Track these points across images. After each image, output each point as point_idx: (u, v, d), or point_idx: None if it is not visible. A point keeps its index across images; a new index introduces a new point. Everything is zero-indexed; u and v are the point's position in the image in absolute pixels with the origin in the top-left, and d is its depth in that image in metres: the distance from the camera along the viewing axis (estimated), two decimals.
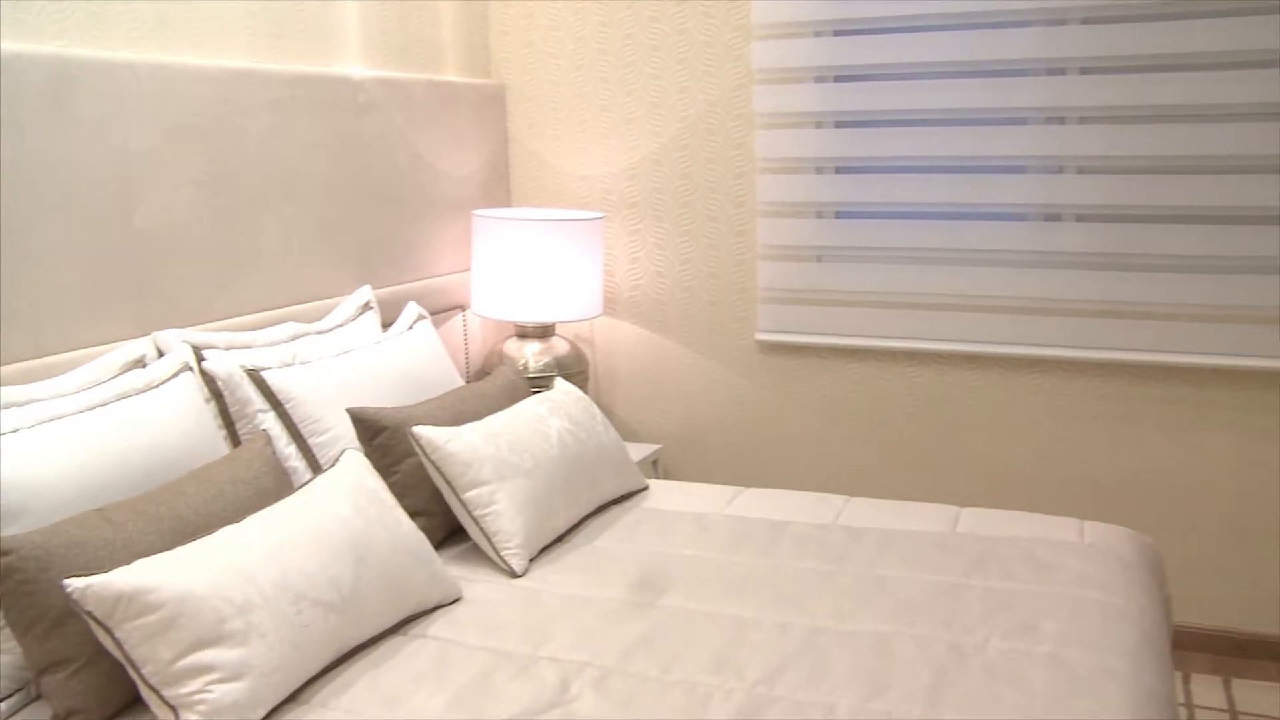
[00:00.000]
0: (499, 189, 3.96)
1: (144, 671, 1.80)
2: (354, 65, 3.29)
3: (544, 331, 3.68)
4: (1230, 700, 3.21)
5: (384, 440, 2.63)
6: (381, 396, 2.82)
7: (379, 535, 2.21)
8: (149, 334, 2.59)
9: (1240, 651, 3.46)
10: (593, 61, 3.83)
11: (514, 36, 3.91)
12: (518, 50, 3.92)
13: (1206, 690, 3.26)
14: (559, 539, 2.73)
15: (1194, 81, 3.20)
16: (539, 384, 3.53)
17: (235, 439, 2.58)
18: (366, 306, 3.14)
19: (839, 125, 3.61)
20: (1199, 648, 3.49)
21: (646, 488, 3.11)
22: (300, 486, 2.26)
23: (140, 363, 2.46)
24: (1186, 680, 3.32)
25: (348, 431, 2.69)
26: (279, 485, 2.33)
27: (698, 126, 3.74)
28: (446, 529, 2.70)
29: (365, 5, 3.32)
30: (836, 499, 2.99)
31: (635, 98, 3.80)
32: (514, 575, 2.51)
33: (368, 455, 2.63)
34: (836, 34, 3.56)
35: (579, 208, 3.94)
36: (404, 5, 3.48)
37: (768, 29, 3.60)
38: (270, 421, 2.60)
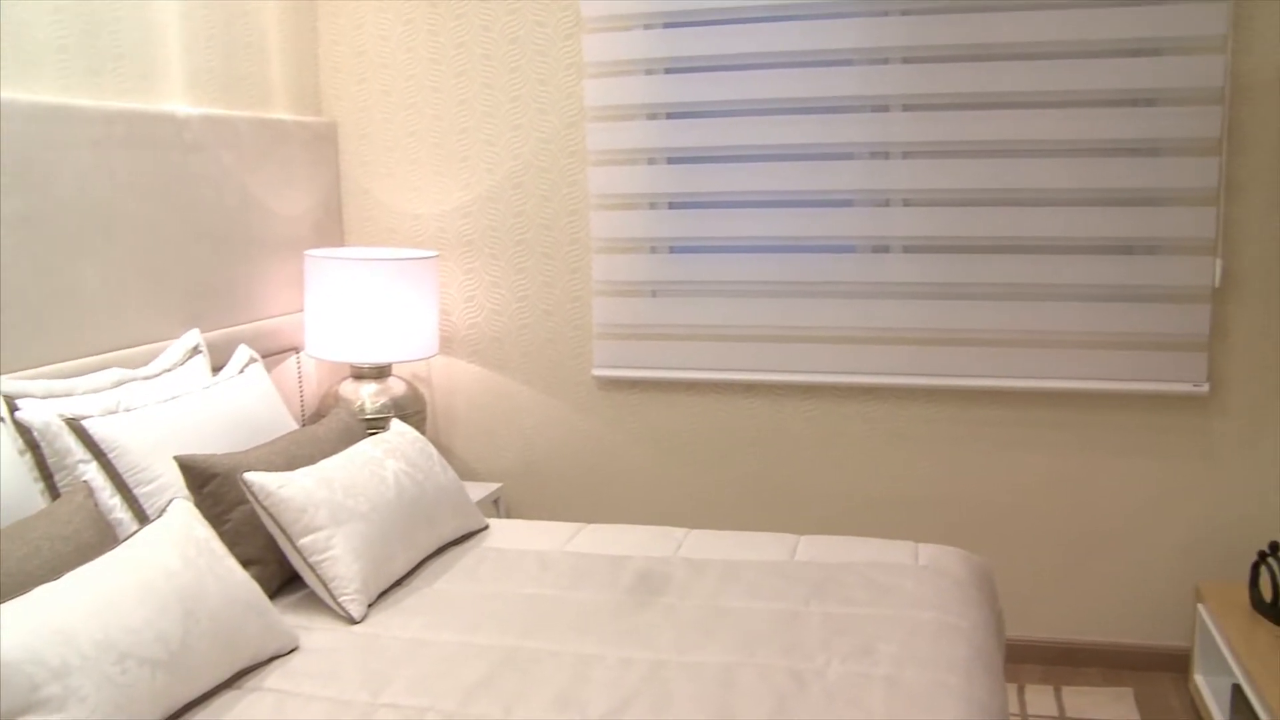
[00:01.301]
0: (332, 228, 3.90)
1: None
2: (178, 102, 3.21)
3: (380, 372, 3.63)
4: (1060, 707, 3.35)
5: (214, 488, 2.56)
6: (212, 443, 2.75)
7: (210, 586, 2.15)
8: None
9: (1069, 660, 3.63)
10: (425, 99, 3.82)
11: (345, 74, 3.87)
12: (349, 87, 3.88)
13: (1039, 699, 3.40)
14: (398, 582, 2.69)
15: (1008, 119, 3.39)
16: (375, 425, 3.48)
17: (54, 492, 2.47)
18: (195, 350, 3.05)
19: (671, 161, 3.68)
20: (1031, 659, 3.64)
21: (487, 527, 3.09)
22: (125, 539, 2.18)
23: None
24: (1021, 691, 3.46)
25: (176, 480, 2.61)
26: (101, 539, 2.24)
27: (531, 164, 3.77)
28: (282, 577, 2.63)
29: (188, 41, 3.24)
30: (677, 532, 3.03)
31: (468, 135, 3.80)
32: (352, 621, 2.46)
33: (197, 504, 2.55)
34: (668, 71, 3.63)
35: (413, 246, 3.91)
36: (230, 42, 3.41)
37: (600, 66, 3.65)
38: (92, 472, 2.50)
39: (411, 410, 3.62)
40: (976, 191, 3.45)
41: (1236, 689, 2.90)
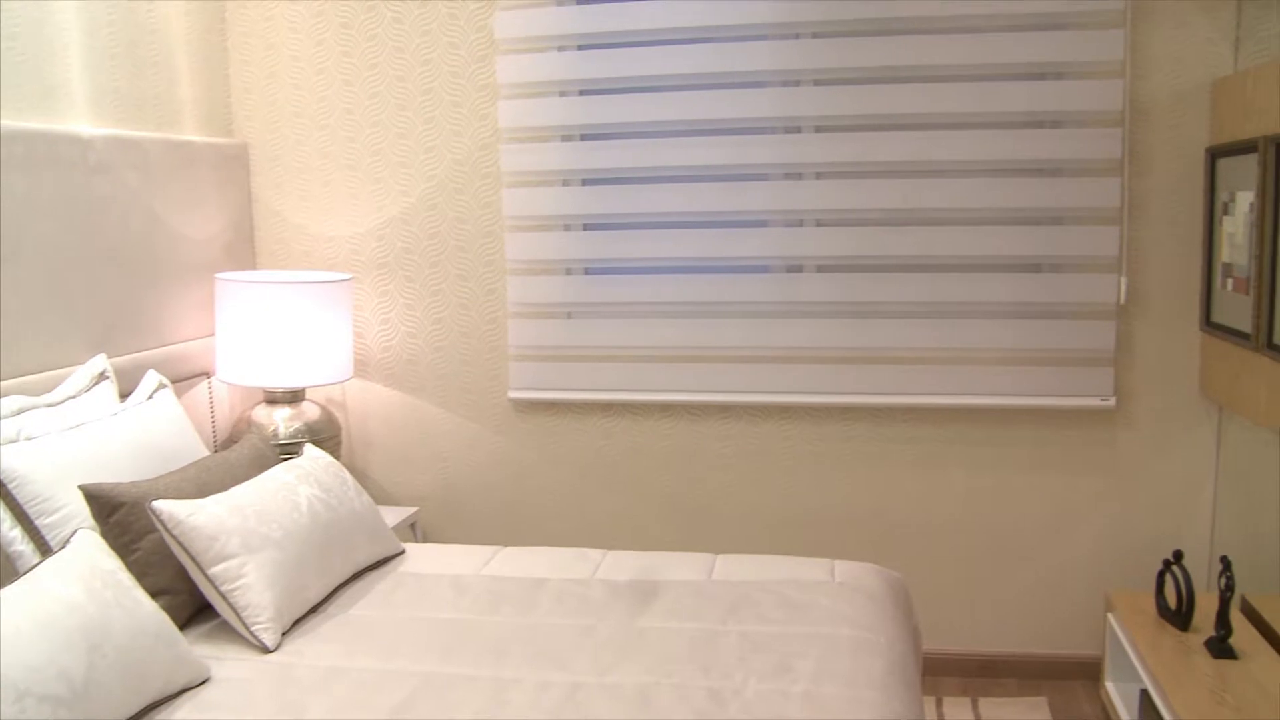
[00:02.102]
0: (243, 251, 3.85)
1: None
2: (82, 123, 3.14)
3: (294, 396, 3.58)
4: (978, 718, 3.40)
5: (121, 517, 2.50)
6: (119, 471, 2.68)
7: (116, 619, 2.09)
8: None
9: (985, 672, 3.68)
10: (338, 121, 3.79)
11: (256, 95, 3.83)
12: (261, 109, 3.83)
13: (957, 711, 3.45)
14: (313, 610, 2.65)
15: (918, 140, 3.45)
16: (289, 451, 3.43)
17: None
18: (102, 376, 2.98)
19: (586, 183, 3.69)
20: (949, 672, 3.69)
21: (403, 552, 3.06)
22: (25, 572, 2.12)
23: None
24: (939, 704, 3.50)
25: (81, 510, 2.54)
26: None
27: (446, 186, 3.75)
28: (193, 607, 2.57)
29: (92, 60, 3.18)
30: (594, 553, 3.03)
31: (382, 157, 3.77)
32: (266, 651, 2.42)
33: (104, 534, 2.49)
34: (582, 93, 3.64)
35: (327, 269, 3.87)
36: (136, 61, 3.35)
37: (513, 89, 3.65)
38: None
39: (326, 435, 3.58)
40: (888, 211, 3.51)
41: (1144, 694, 2.96)
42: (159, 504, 2.44)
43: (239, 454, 2.91)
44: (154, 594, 2.47)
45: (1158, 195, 3.41)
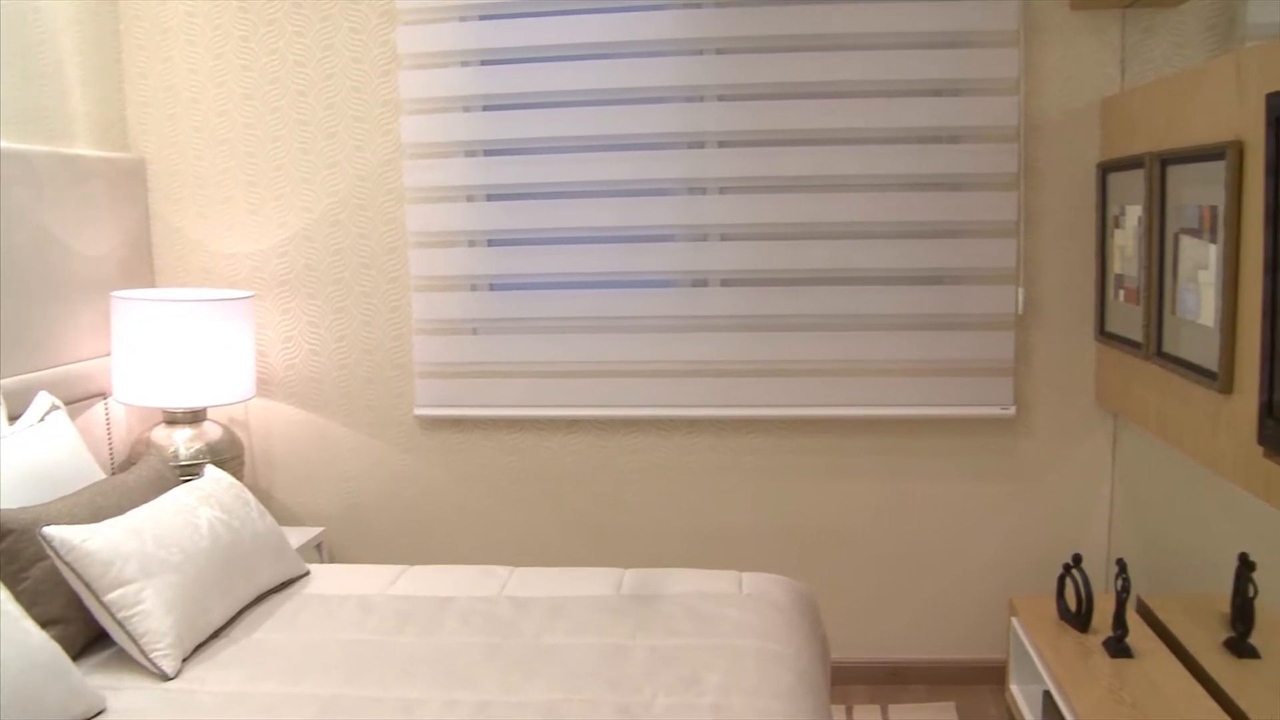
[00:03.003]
0: (141, 269, 3.76)
1: None
2: None
3: (194, 417, 3.51)
4: None
5: (9, 545, 2.42)
6: (9, 497, 2.60)
7: (3, 652, 2.03)
8: None
9: (894, 679, 3.72)
10: (238, 135, 3.72)
11: (154, 109, 3.75)
12: (158, 123, 3.76)
13: (867, 718, 3.49)
14: (215, 634, 2.60)
15: (821, 154, 3.50)
16: (190, 472, 3.36)
17: None
18: None
19: (490, 198, 3.67)
20: (858, 680, 3.73)
21: (308, 573, 3.01)
22: None
23: None
24: (849, 712, 3.53)
25: None
26: None
27: (349, 202, 3.71)
28: (87, 636, 2.50)
29: None
30: (502, 570, 3.01)
31: (284, 173, 3.72)
32: (165, 678, 2.36)
33: None
34: (486, 109, 3.63)
35: (228, 286, 3.80)
36: (25, 72, 3.26)
37: (417, 103, 3.62)
38: None
39: (228, 455, 3.51)
40: (791, 225, 3.54)
41: (1047, 695, 3.02)
42: (50, 530, 2.37)
43: (137, 476, 2.84)
44: (44, 624, 2.40)
45: (1052, 209, 3.50)
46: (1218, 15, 3.33)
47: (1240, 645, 2.78)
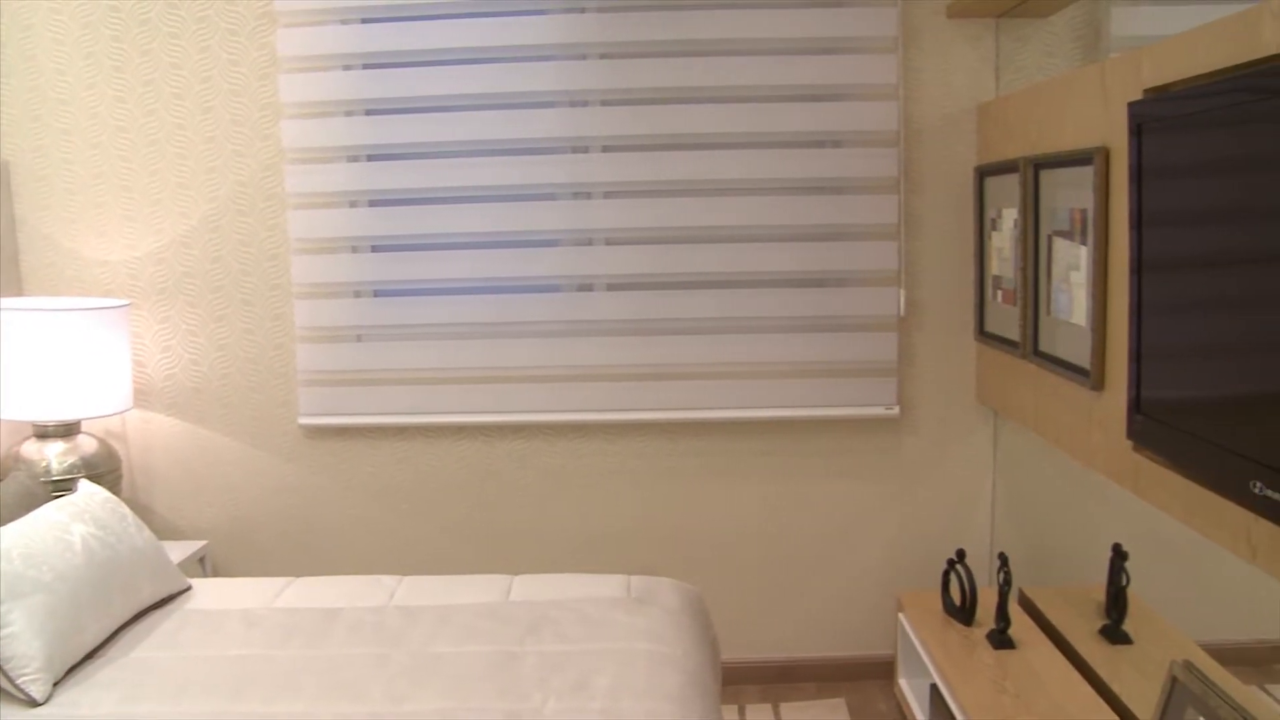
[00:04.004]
0: (7, 277, 3.62)
1: None
2: None
3: (68, 430, 3.39)
4: None
5: None
6: None
7: None
8: None
9: (785, 677, 3.76)
10: (110, 139, 3.61)
11: (19, 110, 3.61)
12: (23, 125, 3.62)
13: (759, 716, 3.52)
14: (90, 655, 2.52)
15: (705, 159, 3.53)
16: (64, 488, 3.25)
17: None
18: None
19: (373, 204, 3.62)
20: (750, 679, 3.76)
21: (189, 588, 2.93)
22: None
23: None
24: (742, 711, 3.56)
25: None
26: None
27: (229, 207, 3.62)
28: None
29: None
30: (390, 580, 2.97)
31: (160, 178, 3.62)
32: (34, 704, 2.28)
33: None
34: (369, 113, 3.58)
35: (103, 294, 3.68)
36: None
37: (298, 107, 3.56)
38: None
39: (105, 469, 3.40)
40: (676, 229, 3.56)
41: (934, 689, 3.08)
42: None
43: (4, 493, 2.73)
44: None
45: (932, 212, 3.57)
46: (1084, 26, 3.44)
47: (1115, 632, 2.88)
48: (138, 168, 3.62)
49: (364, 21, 3.55)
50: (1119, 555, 2.86)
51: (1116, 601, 2.89)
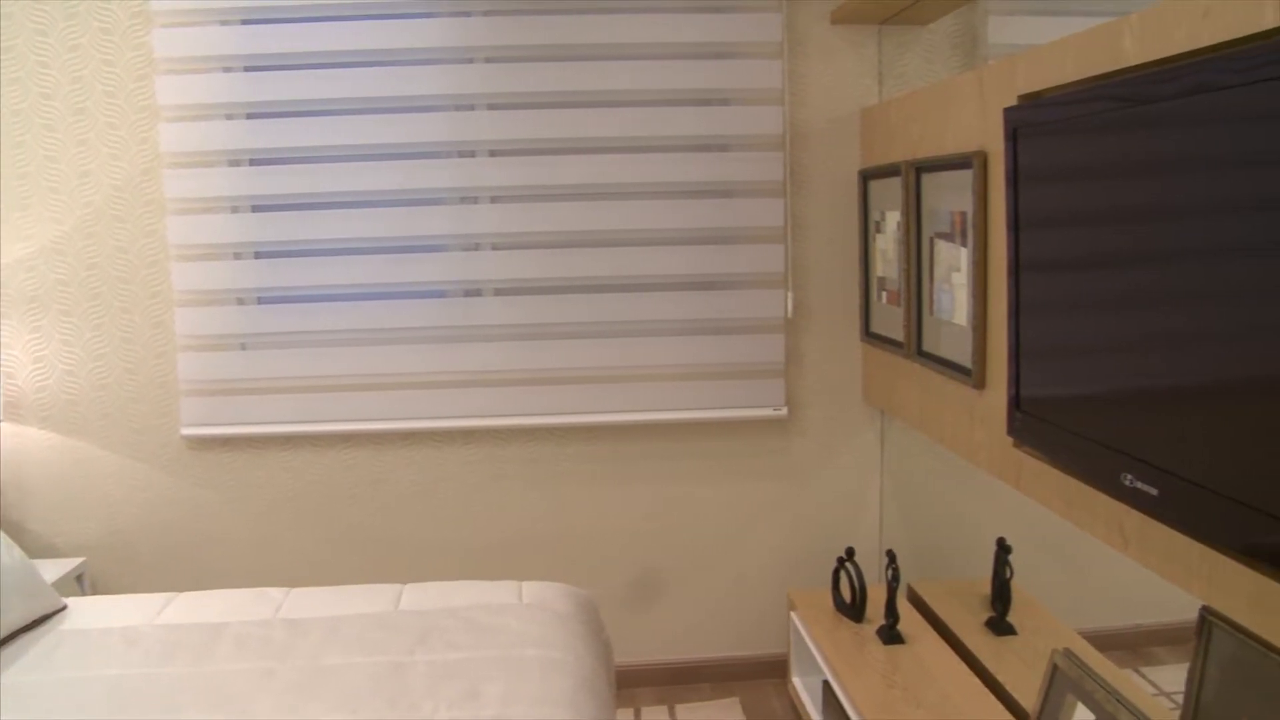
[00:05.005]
0: None
1: None
2: None
3: None
4: None
5: None
6: None
7: None
8: None
9: (680, 679, 3.77)
10: None
11: None
12: None
13: (655, 718, 3.52)
14: None
15: (594, 163, 3.52)
16: None
17: None
18: None
19: (256, 209, 3.54)
20: (645, 682, 3.76)
21: (64, 608, 2.83)
22: None
23: None
24: (638, 714, 3.57)
25: None
26: None
27: (104, 213, 3.51)
28: None
29: None
30: (276, 592, 2.90)
31: (29, 182, 3.49)
32: None
33: None
34: (250, 117, 3.50)
35: None
36: None
37: (176, 110, 3.46)
38: None
39: None
40: (564, 234, 3.56)
41: (826, 685, 3.12)
42: None
43: None
44: None
45: (818, 215, 3.62)
46: (963, 34, 3.52)
47: (1000, 624, 2.95)
48: (5, 171, 3.48)
49: (245, 23, 3.47)
50: (1003, 549, 2.93)
51: (1001, 594, 2.96)
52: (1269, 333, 1.42)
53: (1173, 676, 2.13)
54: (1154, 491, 1.72)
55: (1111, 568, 2.11)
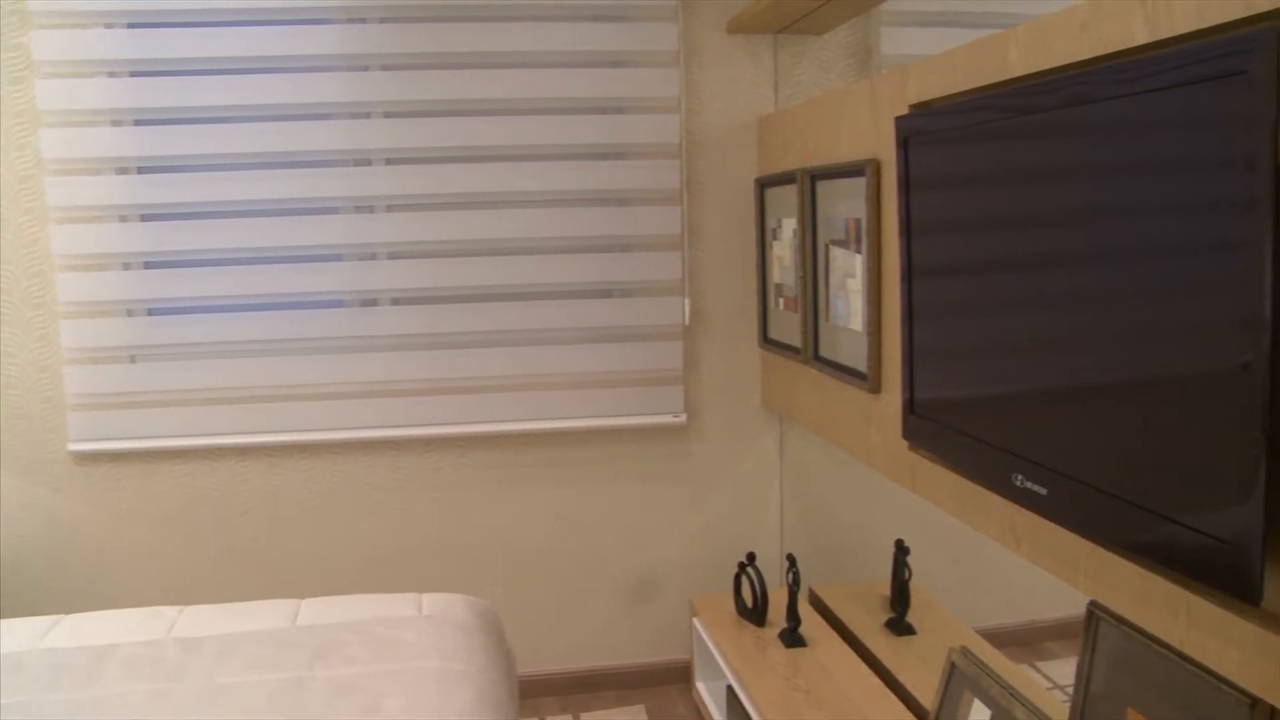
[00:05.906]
0: None
1: None
2: None
3: None
4: None
5: None
6: None
7: None
8: None
9: (584, 687, 3.77)
10: None
11: None
12: None
13: None
14: None
15: (490, 171, 3.51)
16: None
17: None
18: None
19: (145, 218, 3.46)
20: (549, 691, 3.75)
21: None
22: None
23: None
24: None
25: None
26: None
27: None
28: None
29: None
30: (169, 611, 2.83)
31: None
32: None
33: None
34: (138, 123, 3.42)
35: None
36: None
37: (58, 115, 3.36)
38: None
39: None
40: (461, 242, 3.53)
41: (730, 690, 3.14)
42: None
43: None
44: None
45: (715, 222, 3.65)
46: (857, 45, 3.58)
47: (899, 624, 3.00)
48: None
49: (130, 26, 3.38)
50: (901, 550, 2.98)
51: (900, 595, 3.01)
52: (1146, 334, 1.47)
53: (1066, 670, 2.19)
54: (1043, 491, 1.76)
55: (1006, 566, 2.16)
